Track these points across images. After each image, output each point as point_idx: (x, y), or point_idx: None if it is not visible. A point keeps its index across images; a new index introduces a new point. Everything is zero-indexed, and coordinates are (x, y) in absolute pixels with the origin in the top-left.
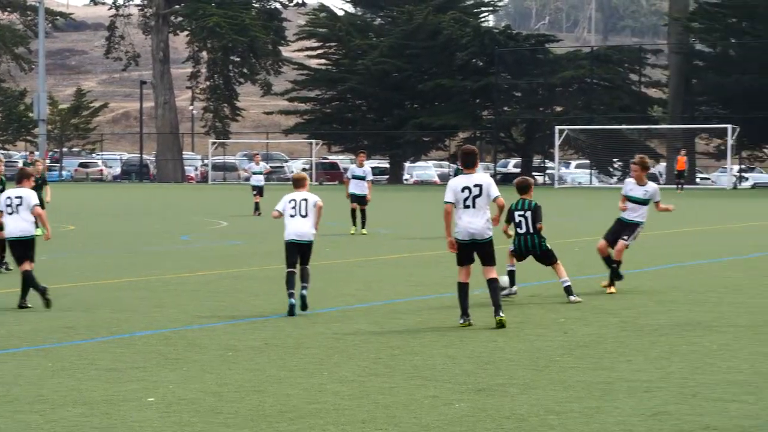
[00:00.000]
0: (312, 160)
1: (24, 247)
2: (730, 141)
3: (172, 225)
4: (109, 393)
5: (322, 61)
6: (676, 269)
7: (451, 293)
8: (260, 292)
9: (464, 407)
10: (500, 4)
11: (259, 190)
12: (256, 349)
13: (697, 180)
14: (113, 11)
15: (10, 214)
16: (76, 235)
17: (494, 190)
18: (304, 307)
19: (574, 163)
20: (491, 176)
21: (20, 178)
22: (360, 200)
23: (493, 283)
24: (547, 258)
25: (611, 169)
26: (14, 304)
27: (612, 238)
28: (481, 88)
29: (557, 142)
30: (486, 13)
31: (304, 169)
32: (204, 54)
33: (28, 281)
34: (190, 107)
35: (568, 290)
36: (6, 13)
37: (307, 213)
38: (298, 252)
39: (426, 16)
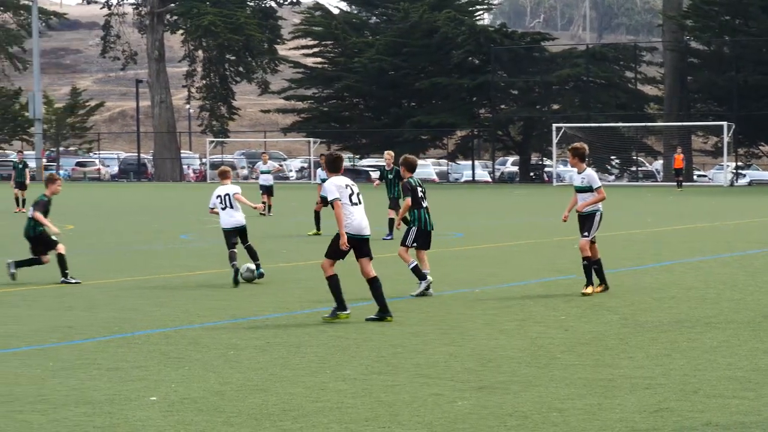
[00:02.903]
0: (310, 158)
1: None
2: (726, 138)
3: (171, 224)
4: (111, 392)
5: (319, 59)
6: (675, 266)
7: (452, 291)
8: (261, 292)
9: (467, 405)
10: (495, 2)
11: (267, 190)
12: (258, 348)
13: (694, 177)
14: (107, 10)
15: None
16: (75, 234)
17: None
18: (261, 275)
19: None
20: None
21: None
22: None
23: (376, 282)
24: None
25: (609, 167)
26: (12, 303)
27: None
28: (478, 86)
29: (555, 140)
30: (481, 12)
31: (302, 168)
32: (200, 53)
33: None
34: (187, 106)
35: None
36: None
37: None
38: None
39: (421, 15)
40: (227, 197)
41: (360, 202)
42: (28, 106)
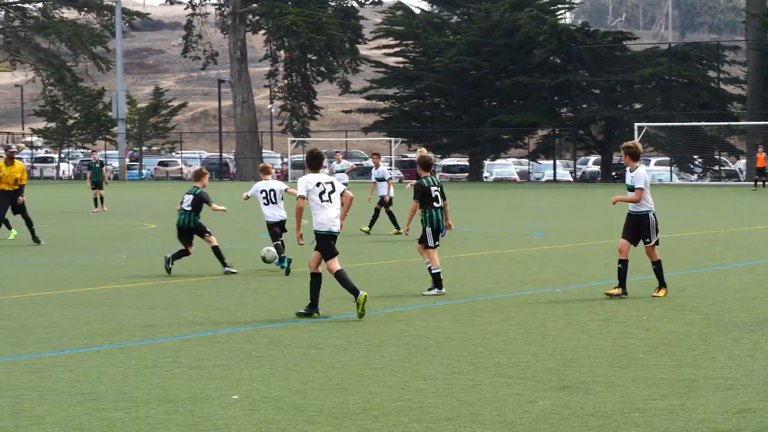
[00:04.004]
0: (391, 158)
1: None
2: None
3: (252, 223)
4: (192, 390)
5: (400, 59)
6: (758, 266)
7: (533, 290)
8: (341, 291)
9: (548, 405)
10: (576, 1)
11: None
12: (339, 347)
13: None
14: (190, 10)
15: None
16: (158, 233)
17: (341, 186)
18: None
19: (654, 161)
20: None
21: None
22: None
23: (341, 273)
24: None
25: (692, 166)
26: (96, 301)
27: (628, 235)
28: (559, 85)
29: (637, 140)
30: (563, 11)
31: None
32: (281, 52)
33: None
34: (269, 106)
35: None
36: (83, 13)
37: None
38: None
39: (503, 14)
40: (272, 192)
41: (331, 201)
42: (111, 106)
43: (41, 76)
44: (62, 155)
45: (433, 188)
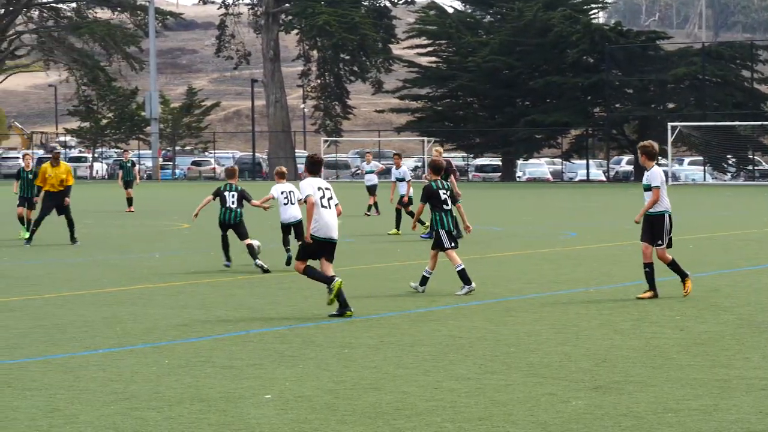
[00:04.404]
0: (424, 157)
1: None
2: None
3: None
4: (225, 390)
5: (433, 58)
6: None
7: (566, 290)
8: (374, 290)
9: (581, 405)
10: (609, 0)
11: (370, 190)
12: (371, 347)
13: None
14: (223, 10)
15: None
16: (191, 233)
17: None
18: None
19: (687, 160)
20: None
21: None
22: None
23: (308, 269)
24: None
25: (725, 166)
26: (129, 301)
27: (647, 237)
28: (592, 85)
29: (670, 139)
30: (595, 10)
31: (416, 167)
32: (314, 52)
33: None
34: (302, 105)
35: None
36: (116, 13)
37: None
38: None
39: (536, 13)
40: (291, 194)
41: (330, 207)
42: (144, 106)
43: (75, 76)
44: (96, 155)
45: (441, 191)
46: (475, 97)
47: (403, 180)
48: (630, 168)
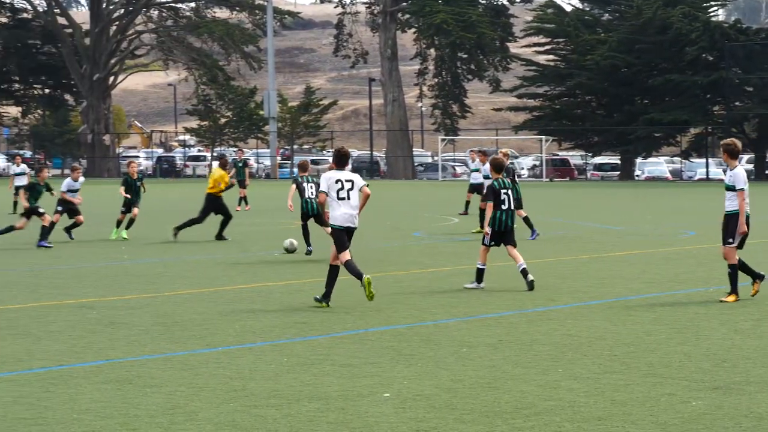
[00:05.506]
0: (542, 156)
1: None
2: None
3: (403, 221)
4: (343, 388)
5: (551, 57)
6: None
7: (685, 290)
8: (492, 289)
9: (701, 405)
10: None
11: (475, 188)
12: (490, 346)
13: None
14: (340, 9)
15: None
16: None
17: (361, 181)
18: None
19: None
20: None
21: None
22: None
23: (350, 263)
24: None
25: None
26: (248, 299)
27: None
28: (712, 83)
29: None
30: (715, 8)
31: (534, 166)
32: (431, 51)
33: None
34: (419, 104)
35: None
36: (235, 13)
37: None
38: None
39: (655, 11)
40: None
41: (348, 198)
42: (263, 105)
43: (194, 75)
44: (214, 154)
45: (503, 190)
46: (593, 96)
47: (488, 177)
48: (750, 167)
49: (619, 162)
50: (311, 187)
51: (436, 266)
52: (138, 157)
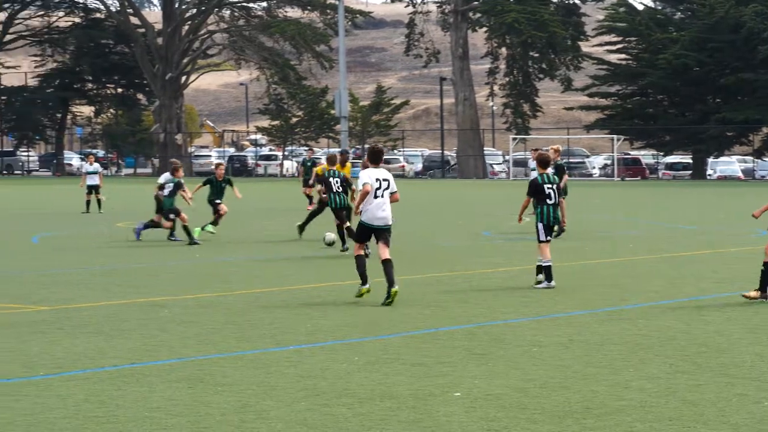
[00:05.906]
0: (614, 155)
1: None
2: None
3: (474, 221)
4: (415, 387)
5: (622, 55)
6: None
7: None
8: (563, 289)
9: None
10: None
11: None
12: (561, 345)
13: None
14: (411, 9)
15: None
16: None
17: (394, 185)
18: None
19: None
20: None
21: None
22: None
23: (387, 264)
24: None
25: None
26: (319, 297)
27: None
28: None
29: None
30: None
31: (605, 165)
32: (503, 50)
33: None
34: (490, 103)
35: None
36: (306, 12)
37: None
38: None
39: (727, 10)
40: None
41: (383, 196)
42: (334, 104)
43: (265, 74)
44: (285, 153)
45: (546, 185)
46: (664, 95)
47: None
48: None
49: (690, 161)
50: (337, 182)
51: (506, 266)
52: (210, 156)
